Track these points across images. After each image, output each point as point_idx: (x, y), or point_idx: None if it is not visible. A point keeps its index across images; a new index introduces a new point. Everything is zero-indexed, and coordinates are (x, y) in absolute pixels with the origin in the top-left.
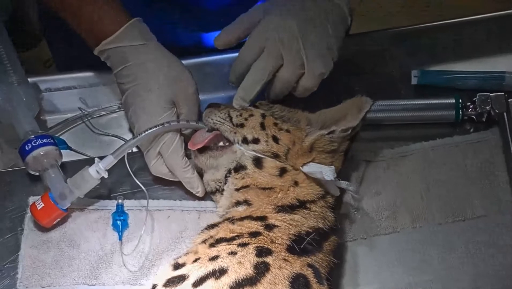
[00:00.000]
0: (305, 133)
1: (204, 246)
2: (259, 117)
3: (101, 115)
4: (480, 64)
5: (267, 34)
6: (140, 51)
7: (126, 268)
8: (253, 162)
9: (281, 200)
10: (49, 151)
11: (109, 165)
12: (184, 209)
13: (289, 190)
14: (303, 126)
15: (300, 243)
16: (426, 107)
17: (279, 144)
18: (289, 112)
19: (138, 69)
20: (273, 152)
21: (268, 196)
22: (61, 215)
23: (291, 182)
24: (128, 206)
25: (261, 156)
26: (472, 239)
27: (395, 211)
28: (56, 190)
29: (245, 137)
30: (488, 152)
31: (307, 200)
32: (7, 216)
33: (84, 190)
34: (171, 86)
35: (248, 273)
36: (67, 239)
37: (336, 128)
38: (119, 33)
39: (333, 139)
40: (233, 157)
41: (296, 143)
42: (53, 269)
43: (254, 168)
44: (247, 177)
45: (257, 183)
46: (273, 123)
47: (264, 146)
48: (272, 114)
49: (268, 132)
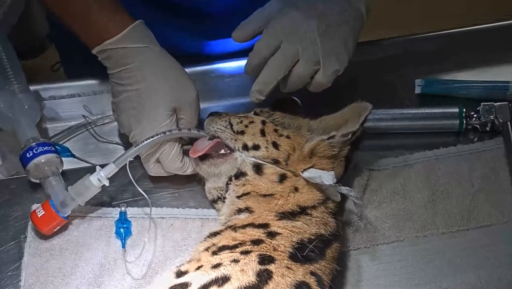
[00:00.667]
0: (305, 139)
1: (207, 253)
2: (259, 124)
3: (105, 123)
4: (484, 74)
5: (285, 30)
6: (142, 53)
7: (129, 276)
8: (253, 169)
9: (282, 207)
10: (50, 158)
11: (110, 173)
12: (187, 217)
13: (289, 196)
14: (304, 132)
15: (303, 250)
16: (430, 116)
17: (279, 150)
18: (290, 119)
19: (139, 72)
20: (273, 158)
21: (268, 203)
22: (61, 222)
23: (291, 188)
24: (130, 214)
25: (261, 162)
26: (476, 249)
27: (399, 220)
28: (57, 198)
29: (245, 144)
30: (492, 162)
31: (307, 205)
32: (10, 224)
33: (85, 198)
34: (173, 92)
35: (251, 281)
36: (70, 247)
37: (336, 133)
38: (123, 34)
39: (333, 144)
40: (234, 164)
41: (296, 149)
42: (56, 277)
43: (254, 174)
44: (248, 183)
45: (257, 190)
46: (273, 129)
47: (264, 152)
48: (273, 120)
49: (268, 139)
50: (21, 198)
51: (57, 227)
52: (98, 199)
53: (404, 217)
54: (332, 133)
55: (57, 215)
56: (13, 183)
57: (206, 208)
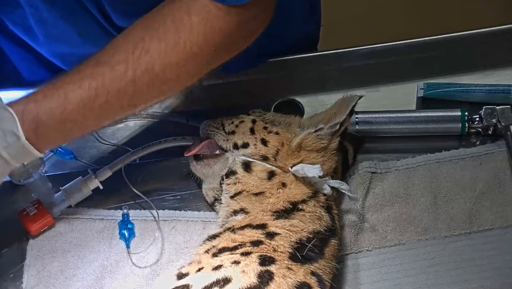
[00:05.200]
0: (294, 134)
1: (207, 255)
2: (249, 122)
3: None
4: (486, 77)
5: None
6: None
7: (131, 278)
8: (242, 166)
9: (275, 206)
10: (33, 160)
11: (103, 177)
12: (189, 220)
13: (278, 192)
14: (294, 129)
15: (302, 250)
16: (431, 120)
17: (268, 146)
18: (281, 117)
19: None
20: (261, 154)
21: (261, 203)
22: (50, 223)
23: (278, 184)
24: (132, 216)
25: (250, 159)
26: (478, 253)
27: (401, 224)
28: (44, 199)
29: (235, 143)
30: (494, 165)
31: (297, 200)
32: (12, 226)
33: (76, 200)
34: None
35: (252, 282)
36: (72, 249)
37: (323, 126)
38: None
39: (321, 136)
40: (226, 163)
41: (284, 144)
42: (58, 279)
43: (243, 172)
44: (238, 182)
45: (248, 188)
46: (262, 127)
47: (253, 150)
48: (263, 119)
49: (257, 136)
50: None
51: (45, 227)
52: (99, 201)
53: (406, 220)
54: (319, 125)
55: (48, 215)
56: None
57: (208, 210)
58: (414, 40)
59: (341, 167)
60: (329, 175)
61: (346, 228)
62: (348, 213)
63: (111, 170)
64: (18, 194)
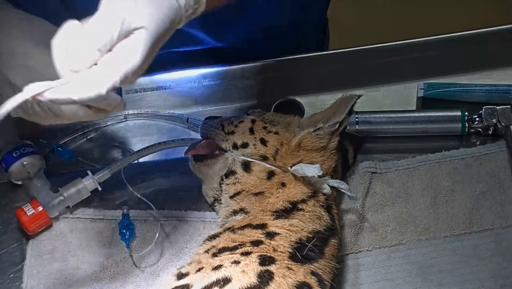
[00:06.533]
0: (293, 134)
1: (207, 255)
2: (248, 122)
3: (108, 125)
4: (486, 77)
5: None
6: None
7: (131, 278)
8: (242, 166)
9: (274, 205)
10: (32, 160)
11: (102, 178)
12: (189, 220)
13: (277, 192)
14: (294, 128)
15: (302, 250)
16: (432, 120)
17: (267, 146)
18: (281, 117)
19: None
20: (261, 154)
21: (261, 203)
22: (48, 222)
23: (278, 184)
24: (132, 216)
25: (250, 159)
26: (479, 252)
27: (401, 224)
28: (43, 199)
29: (235, 143)
30: (495, 165)
31: (297, 200)
32: (12, 226)
33: (74, 201)
34: None
35: (252, 282)
36: (72, 249)
37: (323, 125)
38: None
39: (320, 136)
40: (225, 163)
41: (284, 143)
42: (58, 279)
43: (243, 172)
44: (237, 182)
45: (247, 188)
46: (262, 127)
47: (252, 150)
48: (263, 119)
49: (257, 136)
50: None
51: (43, 227)
52: (100, 201)
53: (406, 220)
54: (319, 125)
55: (46, 215)
56: (14, 184)
57: (208, 210)
58: (414, 40)
59: (341, 167)
60: (328, 175)
61: (346, 228)
62: (348, 213)
63: (110, 172)
64: (18, 194)
